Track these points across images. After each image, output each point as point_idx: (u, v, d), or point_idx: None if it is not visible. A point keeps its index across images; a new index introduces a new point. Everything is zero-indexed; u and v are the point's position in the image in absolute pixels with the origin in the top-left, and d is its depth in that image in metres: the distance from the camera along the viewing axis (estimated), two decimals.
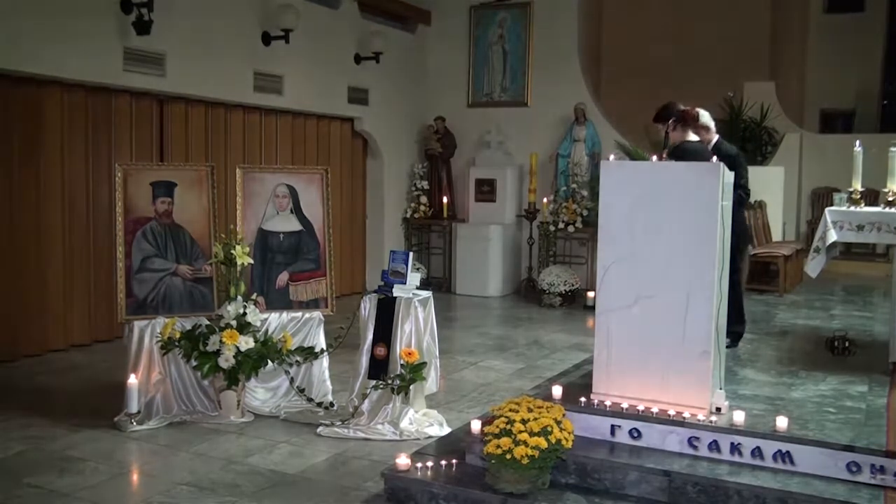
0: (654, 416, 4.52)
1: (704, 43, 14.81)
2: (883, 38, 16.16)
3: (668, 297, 4.55)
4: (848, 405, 4.91)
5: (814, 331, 7.32)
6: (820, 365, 5.90)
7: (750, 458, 4.24)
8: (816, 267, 5.82)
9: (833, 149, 12.64)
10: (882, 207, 5.86)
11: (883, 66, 16.19)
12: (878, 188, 5.96)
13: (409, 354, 5.73)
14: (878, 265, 11.11)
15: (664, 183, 4.62)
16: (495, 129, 12.57)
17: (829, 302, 9.05)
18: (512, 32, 12.84)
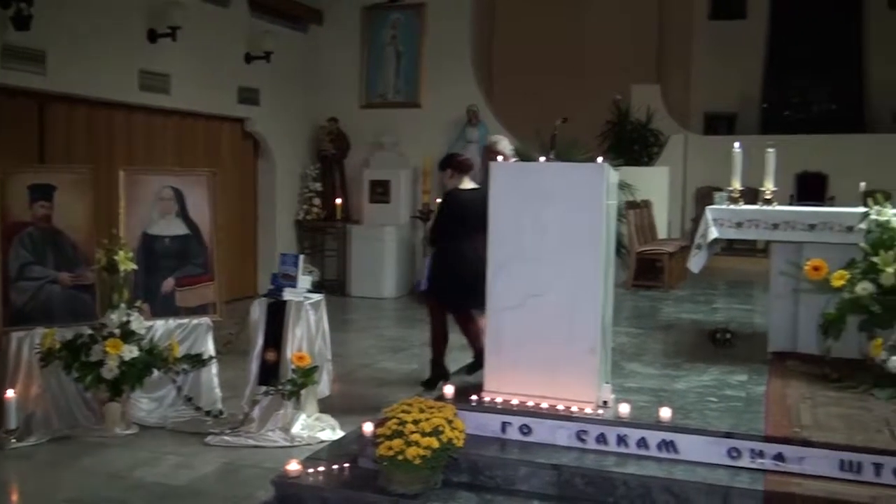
0: (543, 411, 4.58)
1: (594, 46, 15.16)
2: (763, 44, 16.86)
3: (556, 295, 4.63)
4: (729, 394, 5.10)
5: (697, 324, 7.59)
6: (703, 357, 6.11)
7: (636, 448, 4.35)
8: (699, 263, 6.02)
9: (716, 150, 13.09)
10: (760, 205, 6.11)
11: (763, 71, 16.89)
12: (758, 187, 6.22)
13: (300, 358, 5.67)
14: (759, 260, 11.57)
15: (551, 183, 4.69)
16: (389, 130, 12.56)
17: (712, 296, 9.40)
18: (405, 34, 12.87)
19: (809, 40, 16.48)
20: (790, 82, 16.91)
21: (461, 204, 6.59)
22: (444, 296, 6.77)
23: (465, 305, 6.66)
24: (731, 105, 16.42)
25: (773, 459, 4.16)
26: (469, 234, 6.47)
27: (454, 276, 6.58)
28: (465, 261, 6.42)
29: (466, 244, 6.47)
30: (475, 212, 6.38)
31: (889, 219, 5.33)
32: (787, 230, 5.79)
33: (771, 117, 16.67)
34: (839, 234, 5.65)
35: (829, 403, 4.89)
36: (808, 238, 5.76)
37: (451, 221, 6.64)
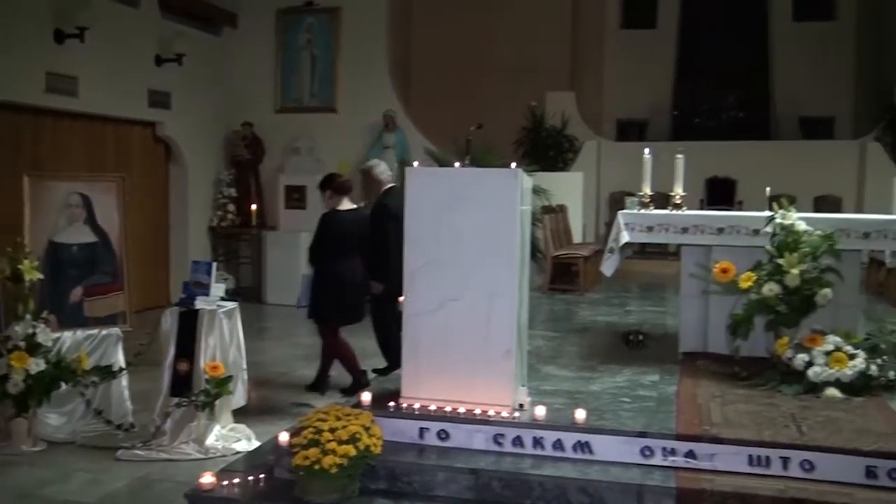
0: (460, 416, 4.59)
1: (510, 53, 15.31)
2: (674, 53, 17.35)
3: (472, 299, 4.65)
4: (642, 394, 5.20)
5: (611, 326, 7.72)
6: (617, 358, 6.22)
7: (552, 450, 4.40)
8: (611, 266, 6.13)
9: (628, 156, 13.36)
10: (670, 210, 6.27)
11: (674, 79, 17.38)
12: (669, 192, 6.37)
13: (213, 368, 5.56)
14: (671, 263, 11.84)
15: (466, 188, 4.72)
16: (305, 135, 12.43)
17: (626, 299, 9.57)
18: (320, 37, 12.78)
19: (718, 50, 17.04)
20: (700, 90, 17.46)
21: (341, 225, 6.76)
22: (323, 316, 6.92)
23: (342, 323, 6.91)
24: (643, 112, 16.82)
25: (685, 457, 4.27)
26: (348, 254, 6.70)
27: (333, 297, 6.74)
28: (344, 281, 6.64)
29: (345, 265, 6.68)
30: (354, 233, 6.57)
31: (793, 222, 5.53)
32: (696, 234, 5.95)
33: (681, 124, 17.16)
34: (746, 237, 5.83)
35: (738, 401, 5.04)
36: (717, 241, 5.93)
37: (331, 242, 6.76)
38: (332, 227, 6.79)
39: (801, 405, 4.97)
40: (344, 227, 6.75)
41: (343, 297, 6.73)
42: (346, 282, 6.69)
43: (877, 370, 5.34)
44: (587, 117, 15.07)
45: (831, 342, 5.40)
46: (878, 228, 5.85)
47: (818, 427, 4.54)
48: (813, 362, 5.29)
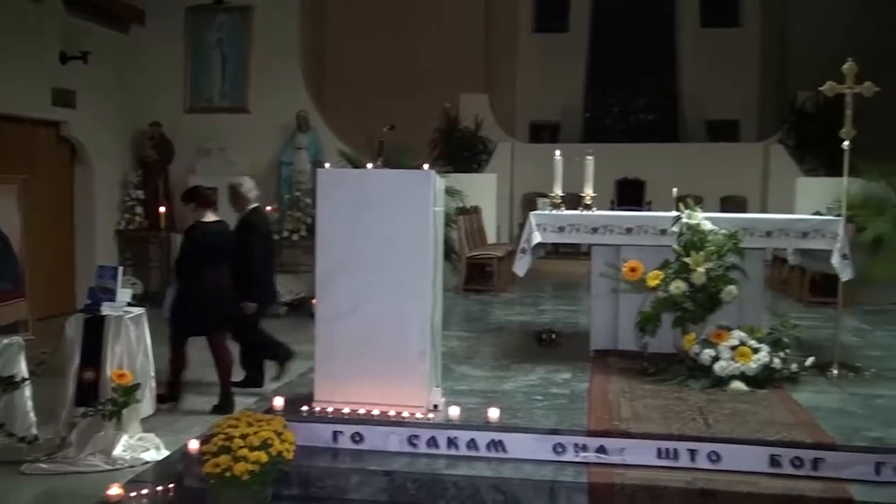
0: (374, 418, 4.58)
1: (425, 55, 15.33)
2: (585, 57, 17.67)
3: (385, 301, 4.64)
4: (554, 392, 5.29)
5: (525, 326, 7.81)
6: (530, 357, 6.30)
7: (466, 450, 4.43)
8: (523, 266, 6.19)
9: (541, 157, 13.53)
10: (580, 210, 6.38)
11: (585, 82, 17.70)
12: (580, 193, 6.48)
13: (120, 376, 5.39)
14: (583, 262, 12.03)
15: (379, 190, 4.71)
16: (215, 135, 12.20)
17: (539, 298, 9.70)
18: (231, 36, 12.56)
19: (628, 53, 17.42)
20: (610, 93, 17.80)
21: (206, 237, 6.72)
22: (189, 328, 6.80)
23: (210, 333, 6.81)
24: (556, 114, 17.07)
25: (596, 452, 4.35)
26: (214, 266, 6.65)
27: (200, 309, 6.65)
28: (210, 294, 6.57)
29: (211, 277, 6.62)
30: (220, 244, 6.54)
31: (699, 222, 5.70)
32: (605, 234, 6.07)
33: (593, 126, 17.48)
34: (654, 236, 5.98)
35: (647, 396, 5.16)
36: (626, 241, 6.07)
37: (197, 254, 6.69)
38: (199, 239, 6.74)
39: (707, 398, 5.12)
40: (209, 239, 6.71)
41: (209, 310, 6.65)
42: (211, 294, 6.62)
43: (780, 363, 5.56)
44: (501, 119, 15.21)
45: (736, 337, 5.58)
46: (779, 227, 6.08)
47: (724, 419, 4.68)
48: (719, 357, 5.46)
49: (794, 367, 5.68)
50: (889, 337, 7.82)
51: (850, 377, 5.87)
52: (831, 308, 7.14)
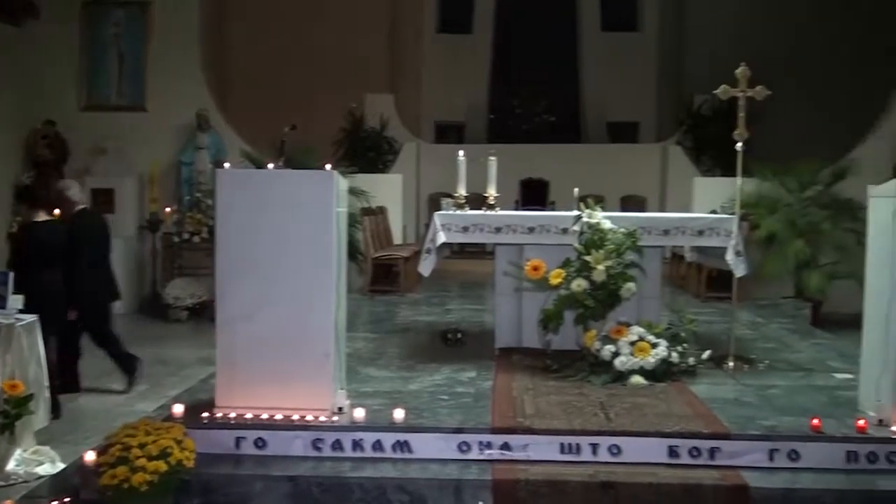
0: (278, 423, 4.51)
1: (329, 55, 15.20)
2: (489, 57, 17.83)
3: (288, 303, 4.57)
4: (459, 391, 5.32)
5: (431, 326, 7.82)
6: (435, 357, 6.32)
7: (371, 451, 4.41)
8: (428, 266, 6.20)
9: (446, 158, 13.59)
10: (484, 210, 6.43)
11: (489, 83, 17.86)
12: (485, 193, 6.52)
13: (12, 387, 5.15)
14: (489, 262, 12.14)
15: (280, 191, 4.65)
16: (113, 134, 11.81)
17: (445, 298, 9.73)
18: (129, 33, 12.17)
19: (532, 56, 17.66)
20: (514, 94, 18.01)
21: (38, 236, 6.62)
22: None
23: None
24: (461, 115, 17.18)
25: (500, 449, 4.40)
26: (47, 267, 6.53)
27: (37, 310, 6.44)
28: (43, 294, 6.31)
29: (47, 278, 6.48)
30: (52, 245, 6.42)
31: (599, 221, 5.81)
32: (508, 233, 6.14)
33: (497, 127, 17.65)
34: (555, 235, 6.07)
35: (550, 392, 5.24)
36: (528, 240, 6.15)
37: (28, 255, 6.56)
38: (31, 239, 6.61)
39: (608, 393, 5.24)
40: (41, 238, 6.59)
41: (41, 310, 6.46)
42: (46, 294, 6.43)
43: (677, 357, 5.73)
44: (406, 119, 15.22)
45: (635, 333, 5.72)
46: (676, 226, 6.27)
47: (624, 413, 4.79)
48: (619, 352, 5.59)
49: (692, 361, 5.86)
50: (781, 330, 8.15)
51: (744, 369, 6.09)
52: (727, 303, 7.40)
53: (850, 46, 14.36)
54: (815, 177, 10.18)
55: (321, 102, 13.83)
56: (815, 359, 6.68)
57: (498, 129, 17.52)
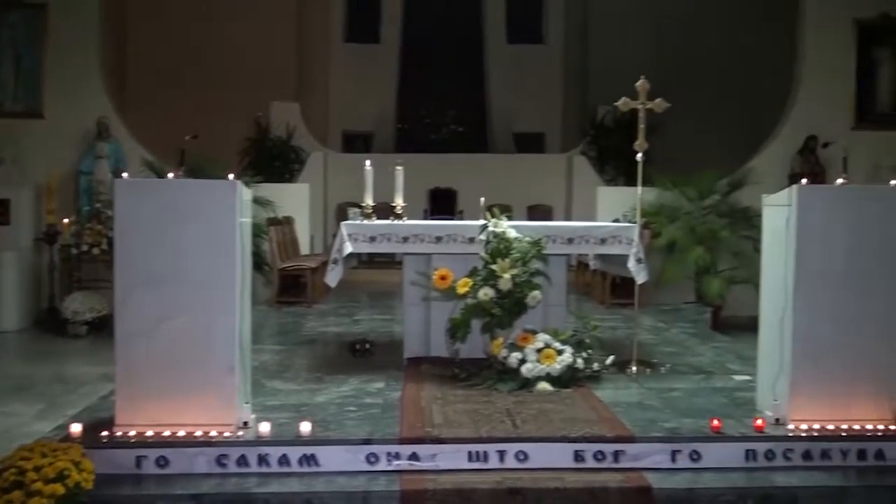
0: (180, 440, 4.39)
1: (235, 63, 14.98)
2: (397, 67, 17.87)
3: (190, 317, 4.47)
4: (367, 402, 5.28)
5: (339, 337, 7.75)
6: (343, 368, 6.27)
7: (277, 466, 4.34)
8: (335, 277, 6.15)
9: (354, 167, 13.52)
10: (391, 220, 6.42)
11: (397, 93, 17.90)
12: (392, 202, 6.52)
13: None
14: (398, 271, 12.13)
15: (181, 201, 4.55)
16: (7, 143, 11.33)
17: (354, 308, 9.66)
18: (25, 36, 11.69)
19: (439, 66, 17.82)
20: (423, 104, 18.10)
21: None
22: None
23: None
24: (369, 124, 17.17)
25: (409, 460, 4.39)
26: None
27: None
28: None
29: None
30: None
31: (504, 230, 5.88)
32: (416, 243, 6.14)
33: (406, 137, 17.72)
34: (462, 245, 6.10)
35: (458, 401, 5.26)
36: (436, 249, 6.16)
37: None
38: None
39: (515, 400, 5.29)
40: None
41: None
42: None
43: (582, 363, 5.84)
44: (313, 129, 15.11)
45: (541, 340, 5.80)
46: (580, 234, 6.38)
47: (531, 419, 4.85)
48: (525, 359, 5.66)
49: (596, 366, 5.98)
50: (683, 334, 8.38)
51: (647, 373, 6.25)
52: (630, 309, 7.57)
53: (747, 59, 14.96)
54: (713, 186, 10.53)
55: (226, 111, 13.64)
56: (714, 361, 6.90)
57: (406, 139, 17.58)
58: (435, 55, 17.84)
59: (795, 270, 4.75)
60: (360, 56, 17.32)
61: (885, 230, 4.81)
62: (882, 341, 4.81)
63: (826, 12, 10.96)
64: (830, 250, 4.77)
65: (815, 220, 4.76)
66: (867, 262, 4.79)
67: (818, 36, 11.02)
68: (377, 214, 6.56)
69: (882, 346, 4.81)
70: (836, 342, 4.78)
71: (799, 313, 4.75)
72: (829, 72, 11.02)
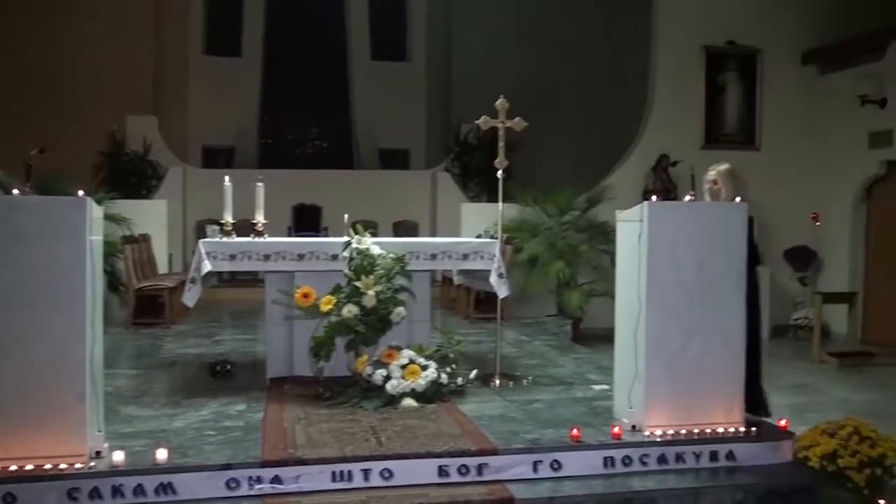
0: (28, 474, 4.13)
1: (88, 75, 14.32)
2: (259, 81, 17.53)
3: (37, 342, 4.24)
4: (228, 425, 5.14)
5: (200, 358, 7.51)
6: (203, 391, 6.08)
7: (132, 497, 4.17)
8: (193, 297, 5.96)
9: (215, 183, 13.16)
10: (252, 237, 6.29)
11: (260, 107, 17.56)
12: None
13: None
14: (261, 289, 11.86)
15: (27, 219, 4.31)
16: None
17: (215, 329, 9.38)
18: None
19: (303, 81, 17.62)
20: (286, 119, 17.86)
21: None
22: None
23: None
24: (230, 138, 16.76)
25: (271, 483, 4.30)
26: None
27: None
28: None
29: None
30: None
31: (368, 247, 5.86)
32: (278, 260, 6.04)
33: (269, 152, 17.42)
34: (326, 262, 6.05)
35: (322, 421, 5.20)
36: (298, 267, 6.08)
37: None
38: None
39: (380, 418, 5.28)
40: None
41: None
42: None
43: (447, 378, 5.89)
44: (172, 143, 14.60)
45: (406, 356, 5.82)
46: (443, 250, 6.44)
47: (395, 436, 4.85)
48: (390, 376, 5.66)
49: (460, 381, 6.04)
50: (544, 346, 8.60)
51: (510, 386, 6.37)
52: (494, 323, 7.69)
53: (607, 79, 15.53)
54: (572, 202, 10.87)
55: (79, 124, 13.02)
56: (575, 372, 7.10)
57: (270, 155, 17.28)
58: (299, 70, 17.64)
59: (647, 282, 4.95)
60: (220, 69, 16.88)
61: (729, 243, 5.08)
62: (729, 347, 5.08)
63: (676, 39, 11.53)
64: (679, 263, 5.00)
65: (665, 234, 4.98)
66: (713, 274, 5.05)
67: (669, 60, 11.57)
68: (237, 232, 6.42)
69: (729, 353, 5.08)
70: (686, 350, 5.01)
71: (651, 323, 4.95)
72: (680, 94, 11.59)
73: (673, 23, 11.50)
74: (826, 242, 11.31)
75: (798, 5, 11.63)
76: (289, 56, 17.59)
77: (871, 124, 10.44)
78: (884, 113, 10.26)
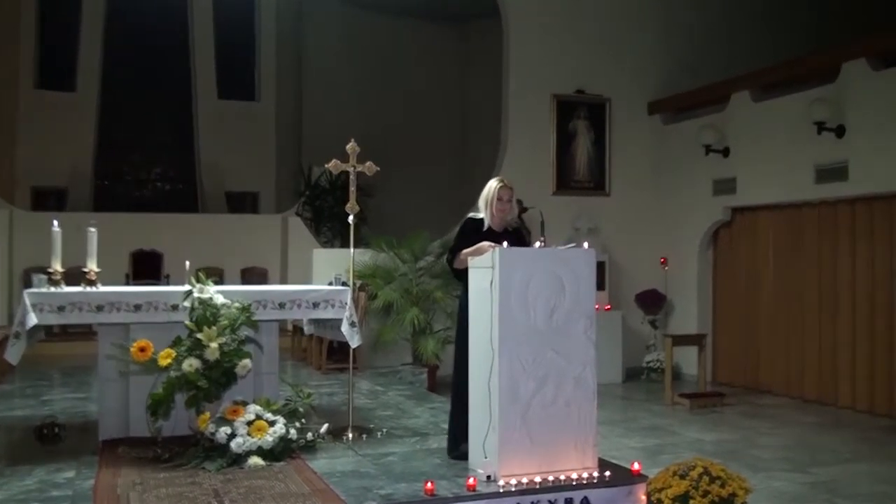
0: None
1: None
2: (95, 119, 16.63)
3: None
4: (54, 495, 4.69)
5: (25, 421, 6.84)
6: (27, 458, 5.51)
7: None
8: (17, 353, 5.44)
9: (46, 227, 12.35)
10: (83, 287, 5.84)
11: (96, 146, 16.65)
12: None
13: None
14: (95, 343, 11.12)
15: None
16: None
17: (42, 388, 8.62)
18: None
19: (144, 120, 16.89)
20: (125, 160, 17.06)
21: None
22: None
23: None
24: (62, 179, 15.82)
25: None
26: None
27: None
28: None
29: None
30: None
31: (211, 296, 5.55)
32: (112, 312, 5.63)
33: (105, 194, 16.55)
34: (165, 313, 5.71)
35: (161, 485, 4.83)
36: (135, 319, 5.70)
37: None
38: None
39: (224, 479, 4.96)
40: None
41: None
42: None
43: (296, 433, 5.62)
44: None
45: (252, 412, 5.52)
46: (292, 298, 6.21)
47: (240, 499, 4.56)
48: (235, 434, 5.34)
49: (310, 436, 5.78)
50: (399, 396, 8.42)
51: (363, 439, 6.15)
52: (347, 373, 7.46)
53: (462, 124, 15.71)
54: (425, 248, 10.80)
55: None
56: (430, 423, 6.95)
57: (106, 197, 16.40)
58: (140, 108, 16.86)
59: (499, 329, 4.90)
60: (53, 104, 15.91)
61: (577, 288, 5.11)
62: (580, 392, 5.08)
63: (526, 85, 11.74)
64: (530, 309, 4.97)
65: (516, 280, 4.95)
66: (563, 319, 5.05)
67: (520, 106, 11.76)
68: (67, 281, 5.95)
69: (580, 398, 5.07)
70: (540, 396, 4.97)
71: (504, 370, 4.89)
72: (531, 140, 11.77)
73: (523, 70, 11.71)
74: (675, 286, 11.70)
75: (644, 57, 12.11)
76: (128, 91, 16.76)
77: (715, 172, 10.90)
78: (727, 161, 10.75)
